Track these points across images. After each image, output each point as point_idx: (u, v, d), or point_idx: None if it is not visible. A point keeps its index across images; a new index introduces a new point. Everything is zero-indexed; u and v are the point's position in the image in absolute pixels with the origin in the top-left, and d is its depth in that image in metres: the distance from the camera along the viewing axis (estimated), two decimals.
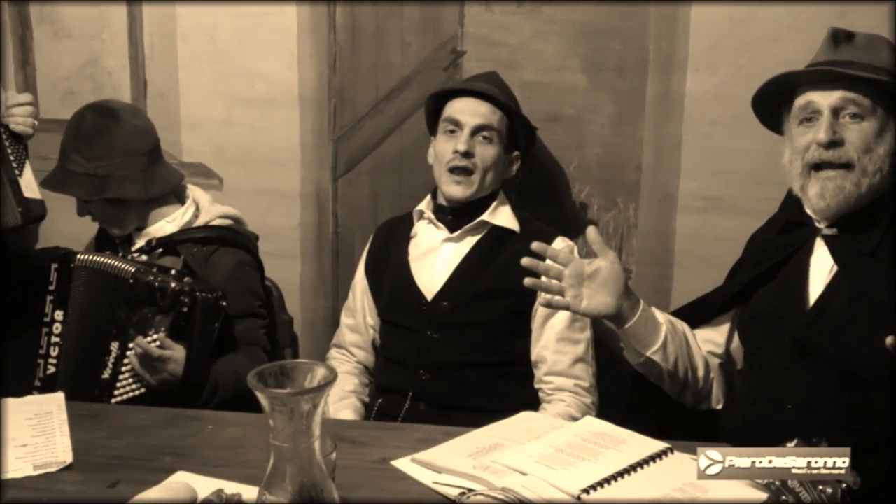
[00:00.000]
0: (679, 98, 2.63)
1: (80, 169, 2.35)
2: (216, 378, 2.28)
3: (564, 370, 2.35)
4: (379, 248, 2.59)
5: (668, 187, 2.69)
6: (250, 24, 2.82)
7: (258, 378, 1.25)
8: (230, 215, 2.54)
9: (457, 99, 2.44)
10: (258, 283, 2.53)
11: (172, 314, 2.24)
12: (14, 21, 2.99)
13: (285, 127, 2.88)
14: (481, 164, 2.40)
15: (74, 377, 2.31)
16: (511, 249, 2.40)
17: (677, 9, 2.58)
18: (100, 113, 2.40)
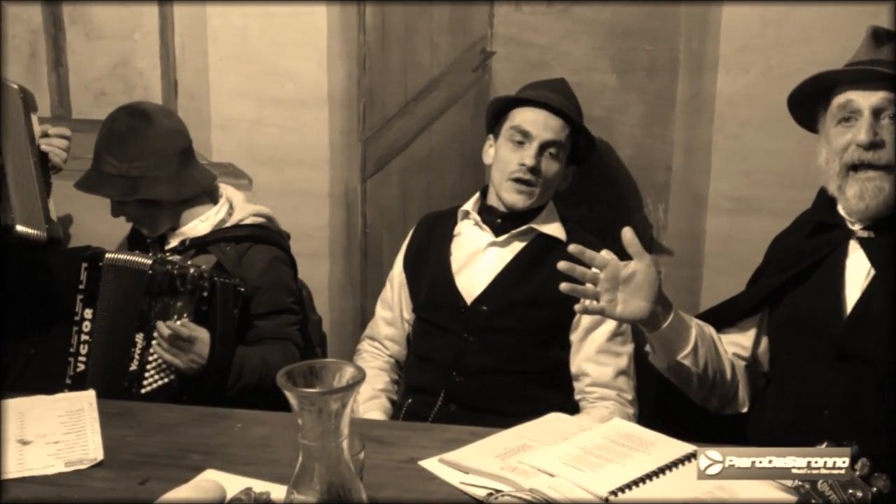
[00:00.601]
0: (710, 99, 2.61)
1: (113, 170, 2.38)
2: (241, 361, 2.30)
3: (608, 382, 2.34)
4: (420, 242, 2.58)
5: (699, 188, 2.67)
6: (280, 25, 2.83)
7: (287, 377, 1.25)
8: (263, 213, 2.55)
9: (527, 108, 2.41)
10: (291, 280, 2.55)
11: (194, 299, 2.28)
12: (47, 22, 3.01)
13: (315, 127, 2.88)
14: (544, 180, 2.39)
15: (104, 373, 2.34)
16: (555, 259, 2.38)
17: (708, 9, 2.56)
18: (132, 115, 2.42)
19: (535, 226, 2.43)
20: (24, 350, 2.44)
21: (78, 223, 2.52)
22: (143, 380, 2.31)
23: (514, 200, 2.39)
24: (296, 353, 2.42)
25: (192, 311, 2.28)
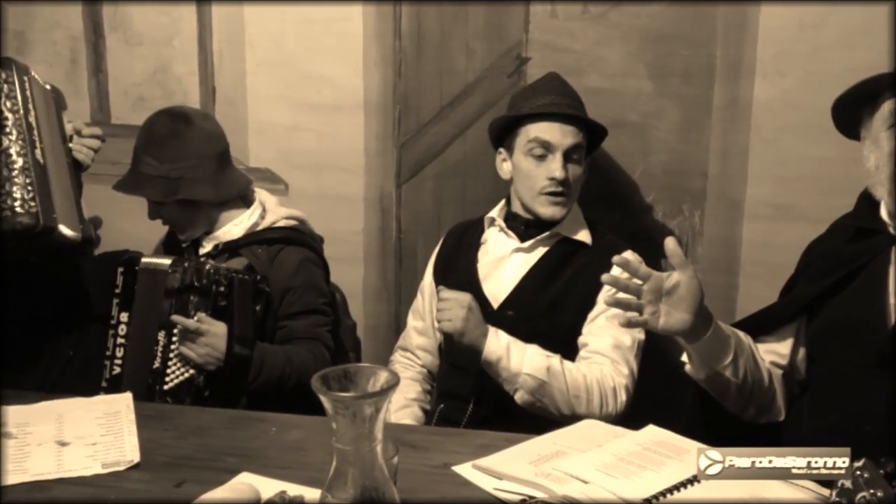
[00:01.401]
0: (746, 104, 2.60)
1: (152, 171, 2.40)
2: (262, 356, 2.32)
3: (603, 350, 2.30)
4: (449, 251, 2.59)
5: (735, 194, 2.66)
6: (317, 31, 2.85)
7: (322, 381, 1.25)
8: (295, 216, 2.57)
9: (541, 119, 2.39)
10: (322, 281, 2.55)
11: (211, 295, 2.31)
12: (87, 29, 3.05)
13: (350, 132, 2.90)
14: (574, 185, 2.39)
15: (137, 376, 2.36)
16: (580, 261, 2.39)
17: (745, 14, 2.55)
18: (172, 117, 2.45)
19: (561, 231, 2.42)
20: (63, 352, 2.47)
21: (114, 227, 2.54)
22: (166, 376, 2.34)
23: (551, 213, 2.38)
24: (325, 354, 2.43)
25: (210, 307, 2.31)
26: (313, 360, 2.37)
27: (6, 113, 2.11)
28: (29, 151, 2.12)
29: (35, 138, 2.15)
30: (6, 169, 2.08)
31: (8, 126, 2.10)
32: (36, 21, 3.07)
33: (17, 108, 2.12)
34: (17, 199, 2.08)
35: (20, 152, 2.10)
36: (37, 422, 1.93)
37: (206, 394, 2.32)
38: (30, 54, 3.08)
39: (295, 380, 2.33)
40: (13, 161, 2.09)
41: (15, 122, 2.11)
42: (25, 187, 2.09)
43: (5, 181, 2.08)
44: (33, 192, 2.10)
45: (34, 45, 3.09)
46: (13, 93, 2.13)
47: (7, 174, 2.08)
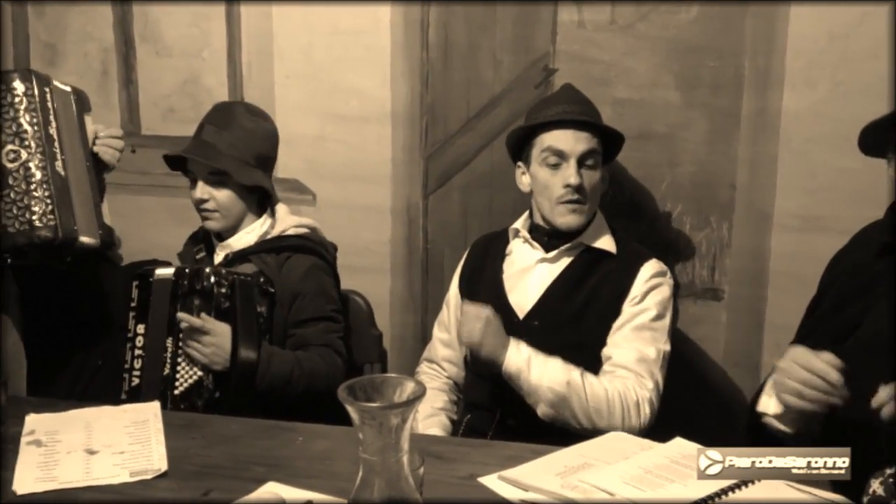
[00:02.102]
0: (775, 115, 2.58)
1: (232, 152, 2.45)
2: (269, 355, 2.32)
3: (627, 364, 2.28)
4: (474, 263, 2.59)
5: (764, 206, 2.64)
6: (345, 43, 2.86)
7: (348, 391, 1.26)
8: (305, 224, 2.58)
9: (553, 128, 2.38)
10: (332, 288, 2.55)
11: (213, 297, 2.33)
12: (118, 41, 3.08)
13: (378, 143, 2.91)
14: (590, 192, 2.37)
15: (153, 386, 2.37)
16: (605, 270, 2.38)
17: (774, 24, 2.54)
18: (246, 107, 2.55)
19: (585, 240, 2.42)
20: (92, 361, 2.49)
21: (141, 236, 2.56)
22: (175, 381, 2.34)
23: (569, 222, 2.38)
24: (337, 361, 2.43)
25: (213, 309, 2.33)
26: (324, 365, 2.38)
27: (25, 126, 2.13)
28: (49, 164, 2.14)
29: (55, 150, 2.17)
30: (25, 183, 2.11)
31: (27, 139, 2.13)
32: (68, 33, 3.10)
33: (37, 121, 2.15)
34: (35, 212, 2.10)
35: (39, 165, 2.13)
36: (66, 430, 1.94)
37: (217, 395, 2.33)
38: (61, 66, 3.11)
39: (304, 383, 2.34)
40: (32, 175, 2.12)
41: (34, 135, 2.14)
42: (44, 200, 2.12)
43: (24, 195, 2.11)
44: (52, 206, 2.12)
45: (66, 56, 3.13)
46: (33, 105, 2.15)
47: (26, 188, 2.11)
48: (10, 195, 2.10)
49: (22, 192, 2.11)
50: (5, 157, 2.11)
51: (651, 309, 2.32)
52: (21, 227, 2.10)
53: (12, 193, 2.10)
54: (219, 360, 2.29)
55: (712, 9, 2.58)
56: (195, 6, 2.97)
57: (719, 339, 2.73)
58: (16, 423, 1.96)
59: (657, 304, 2.34)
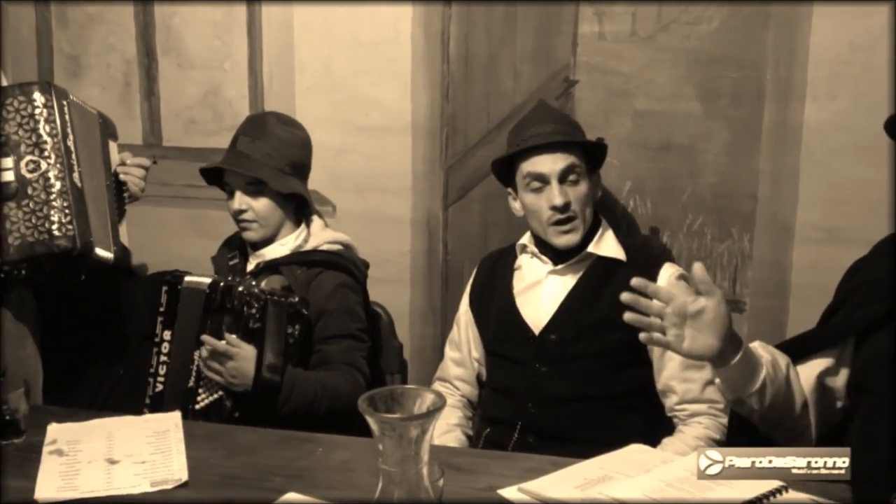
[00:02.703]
0: (797, 127, 2.57)
1: (269, 161, 2.46)
2: (292, 381, 2.31)
3: (697, 396, 2.30)
4: (483, 280, 2.58)
5: (785, 217, 2.63)
6: (366, 55, 2.87)
7: (368, 402, 1.26)
8: (339, 241, 2.58)
9: (530, 153, 2.35)
10: (358, 306, 2.54)
11: (243, 317, 2.32)
12: (141, 53, 3.11)
13: (398, 155, 2.92)
14: (579, 207, 2.35)
15: (176, 393, 2.38)
16: (619, 280, 2.36)
17: (796, 36, 2.53)
18: (277, 117, 2.56)
19: (592, 249, 2.39)
20: (113, 371, 2.50)
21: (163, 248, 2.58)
22: (198, 395, 2.36)
23: (564, 242, 2.36)
24: (359, 380, 2.42)
25: (241, 329, 2.32)
26: (347, 385, 2.37)
27: (45, 137, 2.15)
28: (67, 175, 2.16)
29: (73, 162, 2.19)
30: (44, 192, 2.13)
31: (47, 150, 2.15)
32: (91, 45, 3.13)
33: (56, 132, 2.17)
34: (54, 222, 2.12)
35: (58, 176, 2.15)
36: (87, 439, 1.95)
37: (236, 415, 2.33)
38: (84, 77, 3.14)
39: (327, 406, 2.33)
40: (51, 185, 2.14)
41: (53, 146, 2.16)
42: (63, 211, 2.13)
43: (43, 205, 2.12)
44: (70, 216, 2.14)
45: (88, 68, 3.15)
46: (52, 117, 2.17)
47: (45, 198, 2.13)
48: (29, 205, 2.12)
49: (41, 202, 2.13)
50: (25, 168, 2.13)
51: None
52: (40, 236, 2.12)
53: (31, 203, 2.12)
54: (239, 383, 2.28)
55: (734, 20, 2.58)
56: (217, 18, 2.99)
57: None
58: (38, 433, 1.96)
59: None
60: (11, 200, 2.12)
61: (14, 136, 2.14)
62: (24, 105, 2.15)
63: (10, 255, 2.11)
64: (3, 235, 2.11)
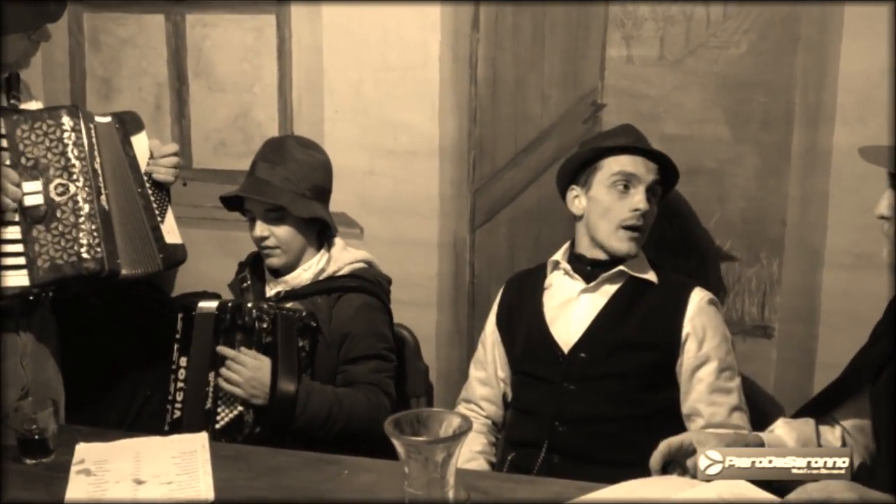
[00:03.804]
0: (826, 151, 2.56)
1: (287, 186, 2.46)
2: (308, 392, 2.32)
3: (723, 421, 2.30)
4: (510, 300, 2.58)
5: (815, 243, 2.61)
6: (394, 78, 2.89)
7: (394, 425, 1.26)
8: (361, 259, 2.59)
9: (622, 154, 2.39)
10: (384, 326, 2.55)
11: (255, 332, 2.35)
12: (171, 76, 3.14)
13: (425, 178, 2.92)
14: (647, 224, 2.40)
15: (194, 419, 2.39)
16: (650, 301, 2.37)
17: (825, 60, 2.52)
18: (297, 140, 2.57)
19: (626, 269, 2.41)
20: (141, 391, 2.52)
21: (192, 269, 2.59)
22: (217, 415, 2.37)
23: (626, 249, 2.38)
24: (383, 401, 2.43)
25: (255, 344, 2.34)
26: (367, 404, 2.37)
27: (73, 160, 2.18)
28: (95, 197, 2.19)
29: (100, 184, 2.22)
30: (73, 215, 2.16)
31: (75, 173, 2.18)
32: (123, 68, 3.17)
33: (84, 155, 2.20)
34: (83, 244, 2.15)
35: (86, 199, 2.18)
36: (115, 459, 1.96)
37: (258, 430, 2.34)
38: (116, 100, 3.17)
39: (343, 421, 2.34)
40: (80, 207, 2.16)
41: (82, 170, 2.19)
42: (91, 233, 2.16)
43: (72, 228, 2.15)
44: (99, 238, 2.17)
45: (120, 91, 3.19)
46: (80, 140, 2.20)
47: (75, 220, 2.15)
48: (58, 228, 2.15)
49: (70, 224, 2.15)
50: (54, 191, 2.16)
51: (718, 344, 2.33)
52: (69, 258, 2.15)
53: (60, 226, 2.15)
54: (258, 392, 2.30)
55: (762, 44, 2.57)
56: (247, 42, 3.02)
57: (769, 376, 2.70)
58: (66, 452, 1.98)
59: (721, 337, 2.35)
60: (40, 223, 2.14)
61: (43, 159, 2.17)
62: (53, 129, 2.18)
63: (40, 277, 2.14)
64: (33, 258, 2.13)
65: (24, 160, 2.16)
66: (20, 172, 2.15)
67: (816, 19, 2.52)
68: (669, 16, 2.64)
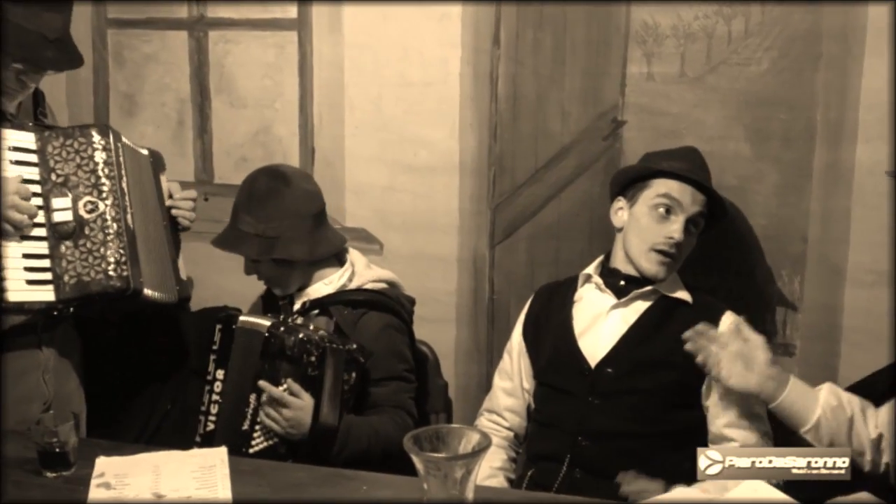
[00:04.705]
0: (848, 168, 2.55)
1: (250, 230, 2.44)
2: (348, 428, 2.31)
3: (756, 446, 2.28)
4: (538, 311, 2.57)
5: (837, 260, 2.60)
6: (414, 94, 2.90)
7: (414, 441, 1.26)
8: (385, 279, 2.58)
9: (677, 178, 2.37)
10: (405, 347, 2.54)
11: (302, 364, 2.31)
12: (194, 92, 3.16)
13: (445, 194, 2.93)
14: (682, 254, 2.39)
15: (228, 434, 2.37)
16: (681, 320, 2.35)
17: (847, 77, 2.51)
18: (271, 176, 2.49)
19: (660, 289, 2.40)
20: (161, 404, 2.52)
21: (212, 283, 2.61)
22: (252, 440, 2.35)
23: (655, 272, 2.37)
24: (409, 423, 2.42)
25: (300, 376, 2.30)
26: (397, 429, 2.36)
27: (104, 179, 2.20)
28: (122, 216, 2.20)
29: (126, 203, 2.23)
30: (102, 233, 2.17)
31: (105, 191, 2.19)
32: (146, 84, 3.19)
33: (113, 174, 2.21)
34: (111, 262, 2.16)
35: (114, 217, 2.19)
36: (134, 473, 1.96)
37: (290, 462, 2.33)
38: (139, 116, 3.20)
39: (379, 453, 2.33)
40: (108, 225, 2.18)
41: (111, 188, 2.20)
42: (118, 251, 2.17)
43: (100, 245, 2.16)
44: (125, 257, 2.18)
45: (143, 107, 3.22)
46: (110, 158, 2.22)
47: (103, 238, 2.17)
48: (86, 245, 2.16)
49: (98, 242, 2.17)
50: (83, 208, 2.17)
51: None
52: (96, 276, 2.16)
53: (88, 243, 2.16)
54: (296, 433, 2.28)
55: (784, 61, 2.57)
56: (269, 58, 3.04)
57: None
58: (86, 465, 1.98)
59: None
60: (69, 239, 2.16)
61: (73, 176, 2.18)
62: (84, 146, 2.19)
63: (66, 293, 2.15)
64: (59, 274, 2.15)
65: (55, 176, 2.18)
66: (50, 188, 2.17)
67: (838, 36, 2.52)
68: (690, 33, 2.64)
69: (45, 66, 2.18)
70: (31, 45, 2.10)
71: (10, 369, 2.26)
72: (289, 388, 2.28)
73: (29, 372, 2.30)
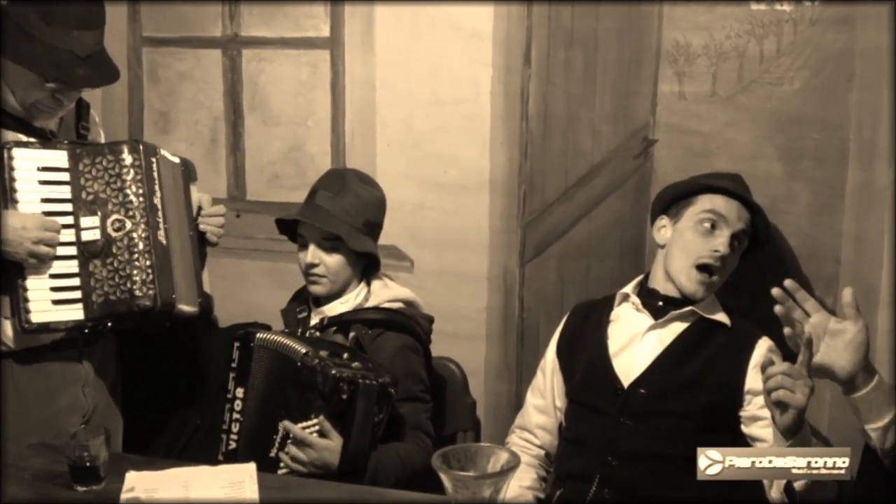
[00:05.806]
0: (882, 188, 2.53)
1: (339, 214, 2.47)
2: (377, 465, 2.29)
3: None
4: (574, 329, 2.56)
5: (870, 281, 2.57)
6: (445, 113, 2.91)
7: (442, 459, 1.26)
8: (401, 298, 2.57)
9: (718, 195, 2.37)
10: (421, 368, 2.52)
11: (332, 400, 2.25)
12: (227, 110, 3.19)
13: (475, 211, 2.93)
14: (725, 271, 2.38)
15: (250, 454, 2.35)
16: (718, 343, 2.34)
17: (880, 97, 2.50)
18: (357, 174, 2.59)
19: (698, 310, 2.39)
20: (191, 420, 2.53)
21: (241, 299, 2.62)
22: (278, 469, 2.30)
23: (694, 290, 2.36)
24: (428, 444, 2.41)
25: (330, 412, 2.25)
26: (420, 453, 2.36)
27: (131, 196, 2.22)
28: (152, 233, 2.21)
29: (159, 219, 2.24)
30: (127, 252, 2.19)
31: (132, 210, 2.21)
32: (180, 102, 3.23)
33: (143, 191, 2.22)
34: (136, 282, 2.17)
35: (142, 235, 2.20)
36: (164, 488, 1.98)
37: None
38: (172, 133, 3.23)
39: (406, 481, 2.30)
40: (135, 244, 2.19)
41: (139, 206, 2.21)
42: (145, 270, 2.18)
43: (126, 264, 2.18)
44: (152, 275, 2.19)
45: (177, 124, 3.25)
46: (139, 175, 2.23)
47: (128, 257, 2.18)
48: (112, 263, 2.18)
49: (125, 261, 2.18)
50: (111, 227, 2.19)
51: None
52: (122, 295, 2.17)
53: (115, 262, 2.18)
54: (321, 472, 2.25)
55: (816, 80, 2.56)
56: (302, 77, 3.06)
57: (823, 418, 2.65)
58: (116, 480, 1.99)
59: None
60: (97, 258, 2.18)
61: (102, 194, 2.20)
62: (113, 164, 2.22)
63: (94, 311, 2.17)
64: (88, 292, 2.17)
65: (85, 194, 2.20)
66: (79, 206, 2.19)
67: (871, 55, 2.50)
68: (722, 52, 2.63)
69: (77, 85, 2.21)
70: (62, 64, 2.12)
71: (50, 382, 2.29)
72: (320, 426, 2.25)
73: (69, 385, 2.33)
